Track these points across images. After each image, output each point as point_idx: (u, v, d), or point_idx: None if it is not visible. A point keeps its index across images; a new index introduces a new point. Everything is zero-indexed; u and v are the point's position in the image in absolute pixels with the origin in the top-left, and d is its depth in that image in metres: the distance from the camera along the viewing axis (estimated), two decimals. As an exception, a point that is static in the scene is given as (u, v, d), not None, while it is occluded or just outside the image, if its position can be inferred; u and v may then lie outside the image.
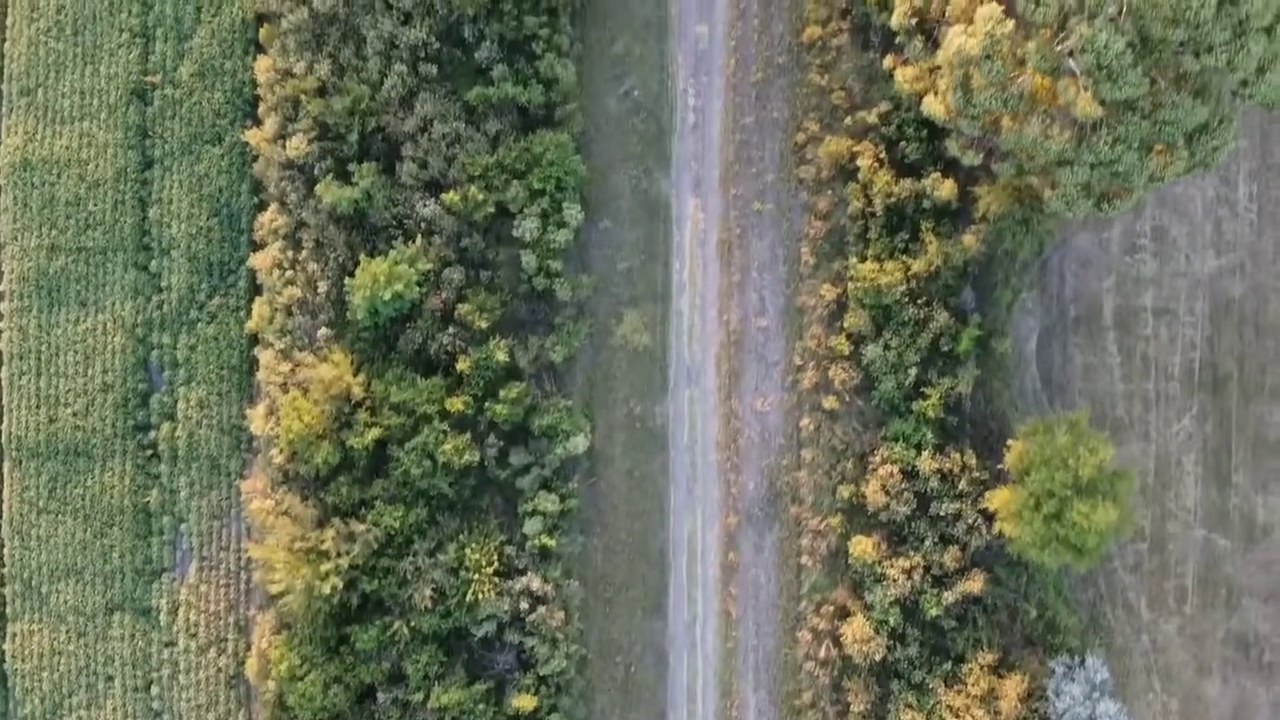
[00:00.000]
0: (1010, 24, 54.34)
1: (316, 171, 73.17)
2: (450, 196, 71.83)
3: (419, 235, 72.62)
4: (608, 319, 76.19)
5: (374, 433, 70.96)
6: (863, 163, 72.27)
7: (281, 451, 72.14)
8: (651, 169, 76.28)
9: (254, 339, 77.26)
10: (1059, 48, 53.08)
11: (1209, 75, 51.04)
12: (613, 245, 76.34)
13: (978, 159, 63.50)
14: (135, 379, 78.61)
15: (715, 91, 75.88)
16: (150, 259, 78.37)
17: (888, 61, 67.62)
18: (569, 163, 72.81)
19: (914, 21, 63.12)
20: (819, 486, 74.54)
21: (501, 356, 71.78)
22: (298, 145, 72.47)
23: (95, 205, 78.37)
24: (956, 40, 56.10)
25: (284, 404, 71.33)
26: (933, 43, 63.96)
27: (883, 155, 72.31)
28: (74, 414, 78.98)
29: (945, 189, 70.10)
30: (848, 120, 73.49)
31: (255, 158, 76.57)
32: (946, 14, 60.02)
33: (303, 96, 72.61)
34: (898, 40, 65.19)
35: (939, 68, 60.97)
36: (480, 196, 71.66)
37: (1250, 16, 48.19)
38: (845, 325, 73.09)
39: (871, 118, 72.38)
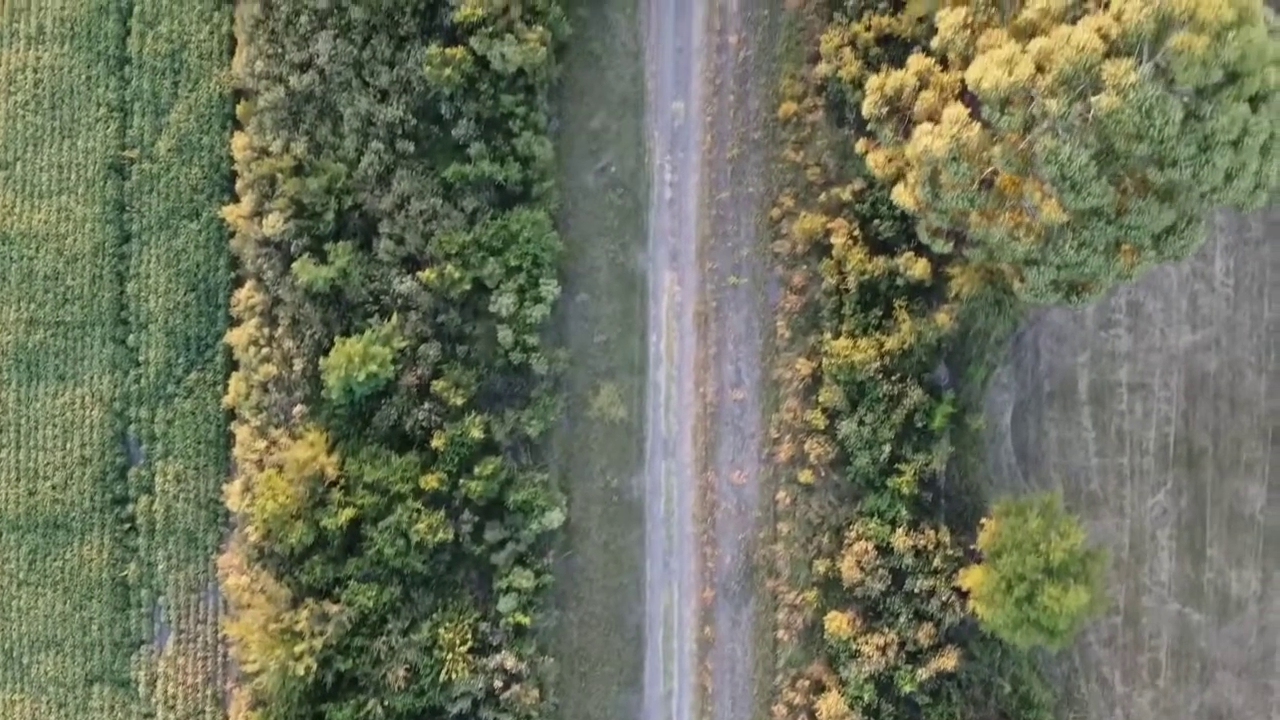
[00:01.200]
0: (976, 127, 54.60)
1: (293, 249, 73.48)
2: (427, 274, 72.15)
3: (395, 312, 72.93)
4: (585, 391, 76.41)
5: (348, 513, 71.16)
6: (837, 240, 72.60)
7: (256, 530, 72.35)
8: (628, 243, 76.55)
9: (231, 414, 77.57)
10: (1024, 151, 53.30)
11: (1176, 182, 51.22)
12: (590, 318, 76.58)
13: (947, 246, 63.74)
14: (113, 453, 78.82)
15: (691, 167, 76.20)
16: (128, 333, 78.62)
17: (860, 145, 67.82)
18: (545, 240, 73.11)
19: (885, 110, 63.27)
20: (795, 560, 74.70)
21: (476, 433, 72.02)
22: (274, 223, 72.78)
23: (73, 279, 78.65)
24: (923, 140, 56.34)
25: (259, 482, 71.55)
26: (904, 130, 64.20)
27: (856, 232, 72.61)
28: (53, 487, 79.19)
29: (919, 268, 70.35)
30: (822, 196, 73.85)
31: (232, 233, 76.84)
32: (915, 108, 60.22)
33: (279, 175, 72.92)
34: (869, 127, 65.38)
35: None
36: (457, 274, 71.97)
37: (1215, 132, 48.37)
38: (820, 400, 73.34)
39: (845, 195, 72.72)
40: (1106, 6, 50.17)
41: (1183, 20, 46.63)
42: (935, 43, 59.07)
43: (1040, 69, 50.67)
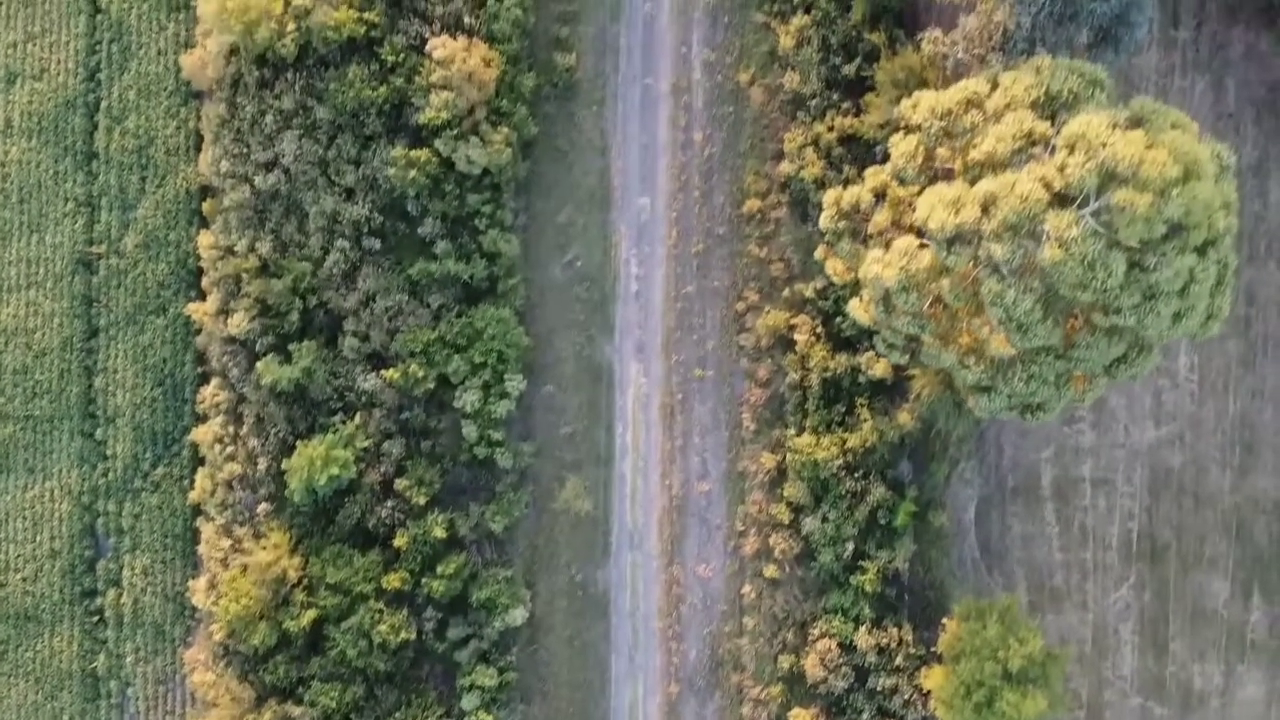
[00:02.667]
0: (926, 258, 54.80)
1: (258, 347, 73.91)
2: (391, 373, 72.65)
3: (359, 409, 73.40)
4: (550, 484, 76.79)
5: (310, 614, 71.68)
6: (800, 336, 73.01)
7: (220, 629, 72.83)
8: (595, 335, 76.90)
9: (197, 509, 77.95)
10: (972, 286, 53.54)
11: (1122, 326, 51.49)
12: (556, 410, 76.95)
13: (904, 359, 63.95)
14: (82, 545, 79.37)
15: (657, 261, 76.51)
16: (96, 427, 79.11)
17: (819, 251, 67.94)
18: (511, 336, 73.53)
19: (842, 224, 63.50)
20: (760, 655, 75.05)
21: (439, 532, 72.61)
22: (239, 322, 73.23)
23: (42, 374, 79.09)
24: (874, 268, 56.54)
25: (223, 582, 72.08)
26: (862, 240, 64.49)
27: (819, 329, 73.02)
28: (23, 579, 79.72)
29: (880, 367, 70.66)
30: (786, 292, 74.27)
31: (198, 330, 77.19)
32: (869, 228, 60.47)
33: (244, 274, 73.34)
34: (826, 238, 65.70)
35: (867, 274, 61.55)
36: (421, 373, 72.45)
37: (1160, 283, 48.58)
38: (785, 494, 73.70)
39: (808, 291, 73.11)
40: (1052, 153, 50.44)
41: (1126, 176, 46.82)
42: (888, 166, 59.31)
43: (986, 212, 50.88)
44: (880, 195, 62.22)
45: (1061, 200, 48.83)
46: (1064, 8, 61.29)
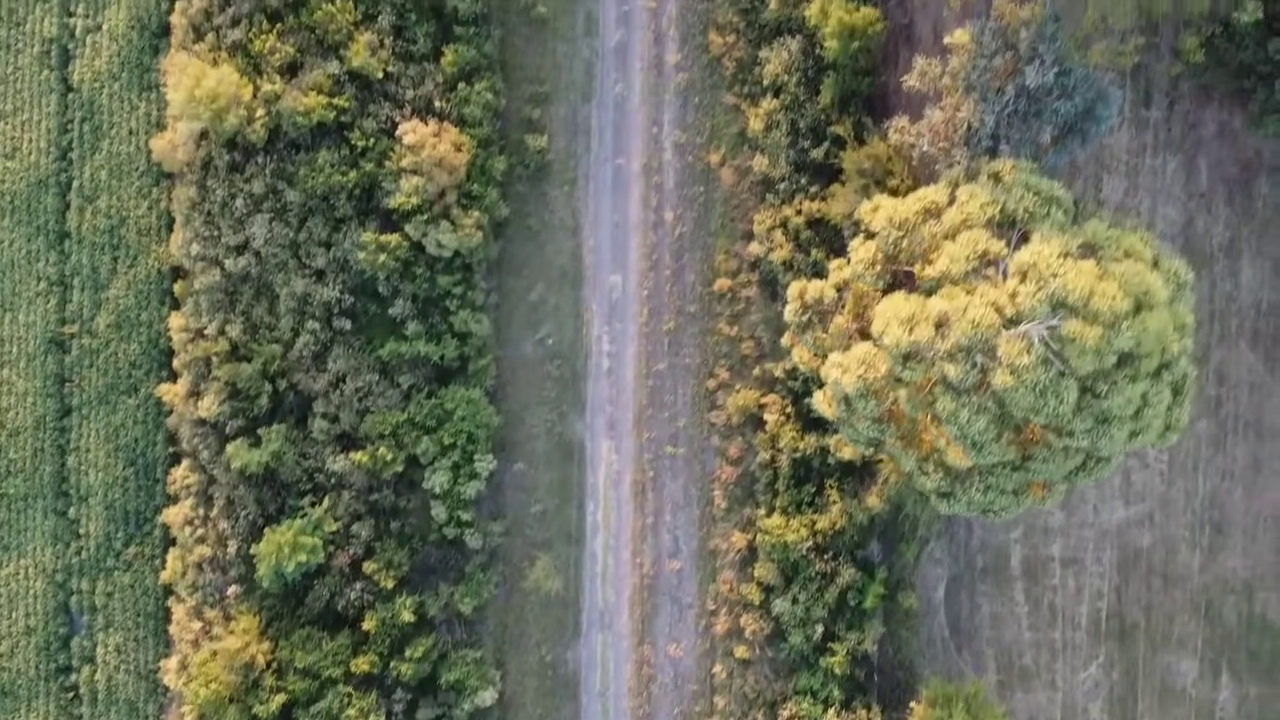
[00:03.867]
0: (883, 368, 54.89)
1: (228, 430, 74.12)
2: (359, 456, 72.86)
3: (328, 491, 73.63)
4: (521, 562, 76.98)
5: (280, 698, 71.98)
6: (770, 416, 73.18)
7: (192, 712, 73.13)
8: (566, 412, 77.08)
9: (169, 589, 78.21)
10: (928, 398, 53.68)
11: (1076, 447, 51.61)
12: (526, 488, 77.14)
13: (868, 451, 64.15)
14: (57, 623, 79.75)
15: (629, 338, 76.68)
16: (69, 506, 79.48)
17: (786, 338, 68.05)
18: (480, 417, 73.73)
19: (806, 318, 63.58)
20: (730, 734, 75.36)
21: (408, 616, 72.87)
22: (209, 405, 73.46)
23: (15, 453, 79.39)
24: (834, 372, 56.67)
25: (194, 665, 72.37)
26: (826, 330, 64.57)
27: (789, 409, 73.15)
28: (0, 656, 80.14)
29: (848, 450, 70.64)
30: (756, 370, 74.48)
31: (170, 410, 77.38)
32: (830, 330, 60.53)
33: (214, 358, 73.53)
34: (792, 328, 65.78)
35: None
36: (389, 456, 72.70)
37: (1112, 409, 48.68)
38: (756, 574, 73.85)
39: (778, 371, 73.27)
40: (1006, 275, 50.55)
41: (1077, 307, 46.92)
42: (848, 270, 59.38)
43: (940, 331, 50.98)
44: (843, 290, 62.48)
45: (1014, 324, 48.96)
46: (1028, 106, 61.35)
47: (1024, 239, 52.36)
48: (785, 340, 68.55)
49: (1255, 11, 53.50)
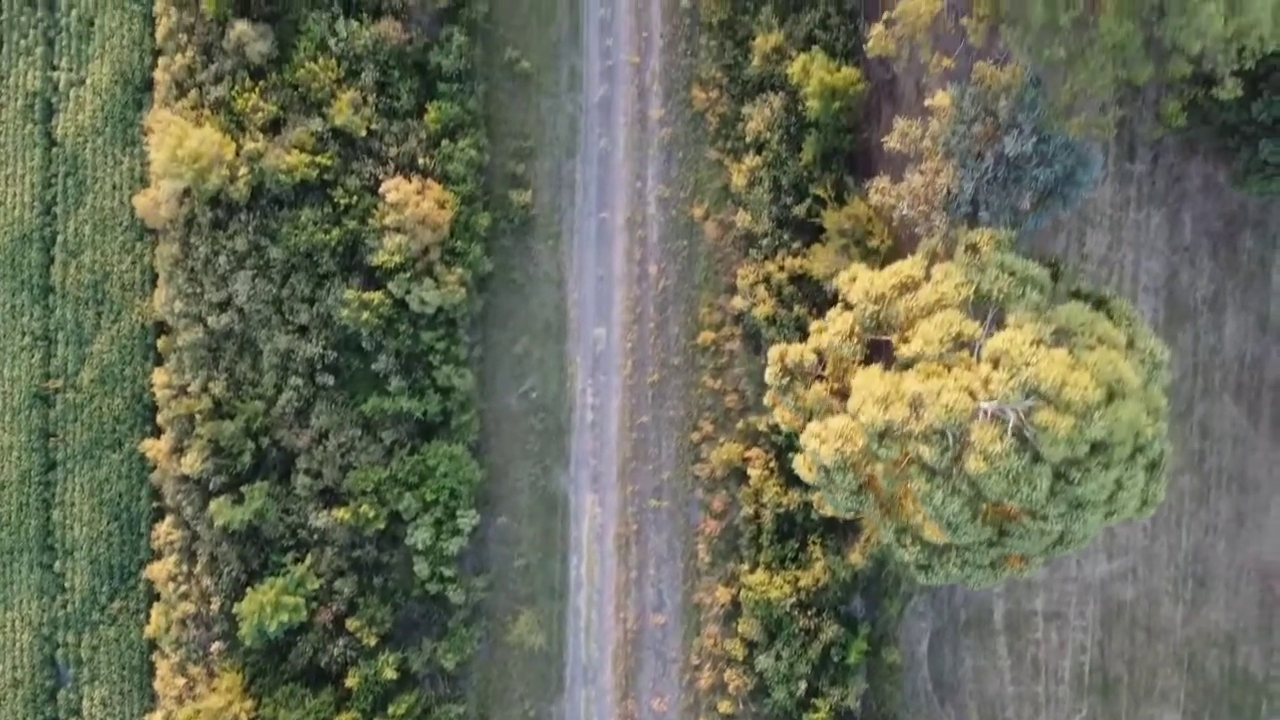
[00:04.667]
0: (860, 442, 54.91)
1: (211, 486, 74.24)
2: (342, 513, 72.94)
3: (312, 546, 73.75)
4: (504, 617, 77.08)
5: (263, 758, 72.28)
6: (753, 471, 73.23)
7: (175, 770, 73.58)
8: (550, 466, 77.14)
9: (153, 643, 78.37)
10: (905, 474, 53.72)
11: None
12: (510, 542, 77.21)
13: (849, 514, 64.12)
14: (43, 675, 79.99)
15: (613, 391, 76.74)
16: (55, 559, 79.70)
17: (768, 397, 68.15)
18: (463, 473, 73.83)
19: (786, 380, 63.61)
20: (713, 789, 75.43)
21: (390, 673, 73.02)
22: (192, 462, 73.59)
23: (1, 507, 79.52)
24: (812, 442, 56.74)
25: (178, 721, 72.80)
26: (808, 387, 64.57)
27: (773, 463, 73.19)
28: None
29: (829, 507, 70.72)
30: (740, 424, 74.49)
31: (154, 466, 77.48)
32: (809, 397, 60.56)
33: (197, 415, 73.64)
34: (772, 391, 65.80)
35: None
36: (371, 513, 72.79)
37: (1085, 495, 48.69)
38: (739, 630, 73.90)
39: (762, 425, 73.24)
40: (979, 357, 50.54)
41: (1049, 396, 46.91)
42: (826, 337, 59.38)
43: (915, 412, 50.99)
44: (823, 354, 62.50)
45: (987, 410, 48.96)
46: (1007, 173, 61.34)
47: (999, 319, 52.42)
48: (767, 400, 68.72)
49: (1234, 89, 53.30)
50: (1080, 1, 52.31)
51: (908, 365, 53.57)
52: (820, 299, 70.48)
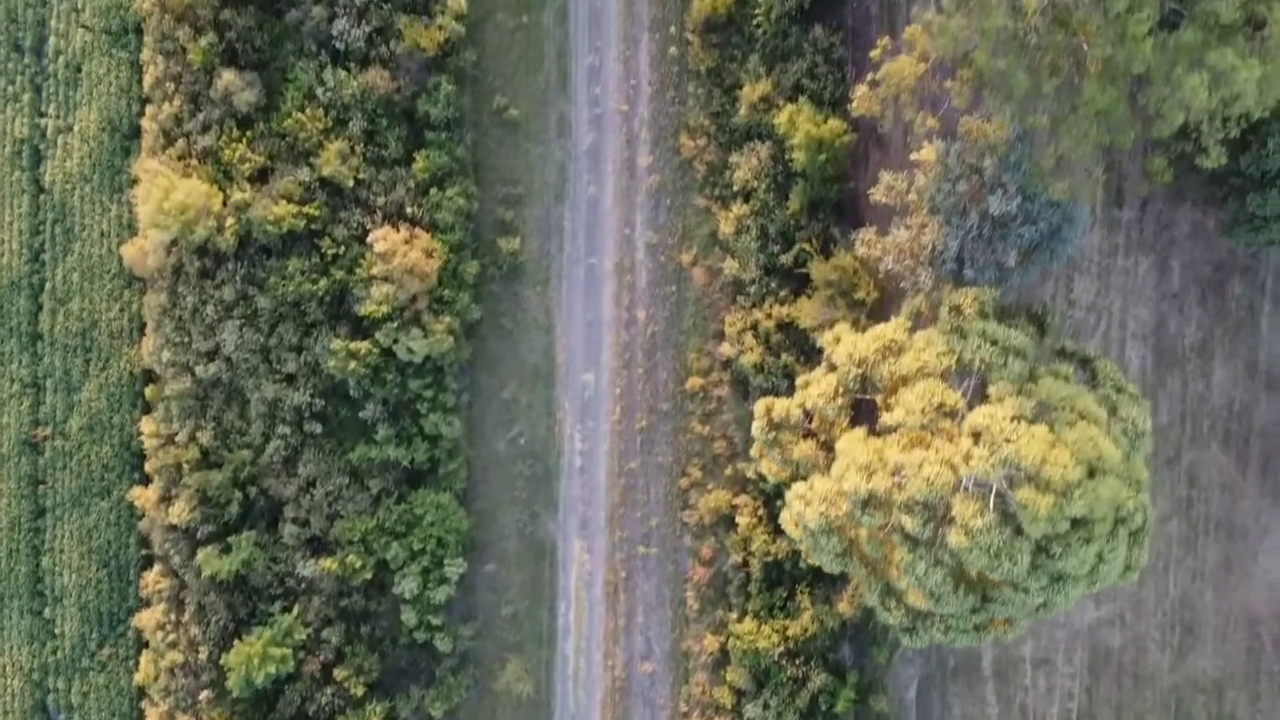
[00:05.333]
0: (844, 507, 55.01)
1: (199, 536, 74.35)
2: (328, 564, 73.05)
3: (299, 595, 73.83)
4: (492, 665, 77.12)
5: (252, 808, 72.40)
6: (741, 519, 73.27)
7: (164, 819, 73.72)
8: (538, 512, 77.17)
9: (142, 690, 78.45)
10: (888, 540, 53.79)
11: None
12: (498, 589, 77.26)
13: (834, 570, 64.16)
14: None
15: (601, 436, 76.75)
16: (44, 605, 79.81)
17: (754, 450, 68.23)
18: (450, 522, 73.92)
19: (772, 435, 63.67)
20: (702, 835, 75.45)
21: (377, 722, 73.32)
22: (179, 511, 73.71)
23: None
24: (796, 504, 56.86)
25: (166, 773, 72.85)
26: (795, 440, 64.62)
27: (761, 511, 73.21)
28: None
29: (818, 557, 70.82)
30: (728, 470, 74.53)
31: (142, 514, 77.56)
32: (794, 454, 60.64)
33: (184, 465, 73.72)
34: (758, 444, 65.81)
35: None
36: (358, 563, 72.87)
37: (1066, 569, 48.74)
38: (728, 678, 73.93)
39: (750, 471, 73.22)
40: (961, 425, 50.57)
41: (1030, 473, 46.95)
42: (811, 396, 59.43)
43: (897, 482, 51.08)
44: (808, 414, 62.55)
45: (968, 485, 49.01)
46: (992, 231, 61.39)
47: (982, 387, 52.45)
48: (753, 452, 68.73)
49: (1219, 158, 53.24)
50: (1064, 68, 52.38)
51: (892, 429, 53.67)
52: (808, 346, 70.57)
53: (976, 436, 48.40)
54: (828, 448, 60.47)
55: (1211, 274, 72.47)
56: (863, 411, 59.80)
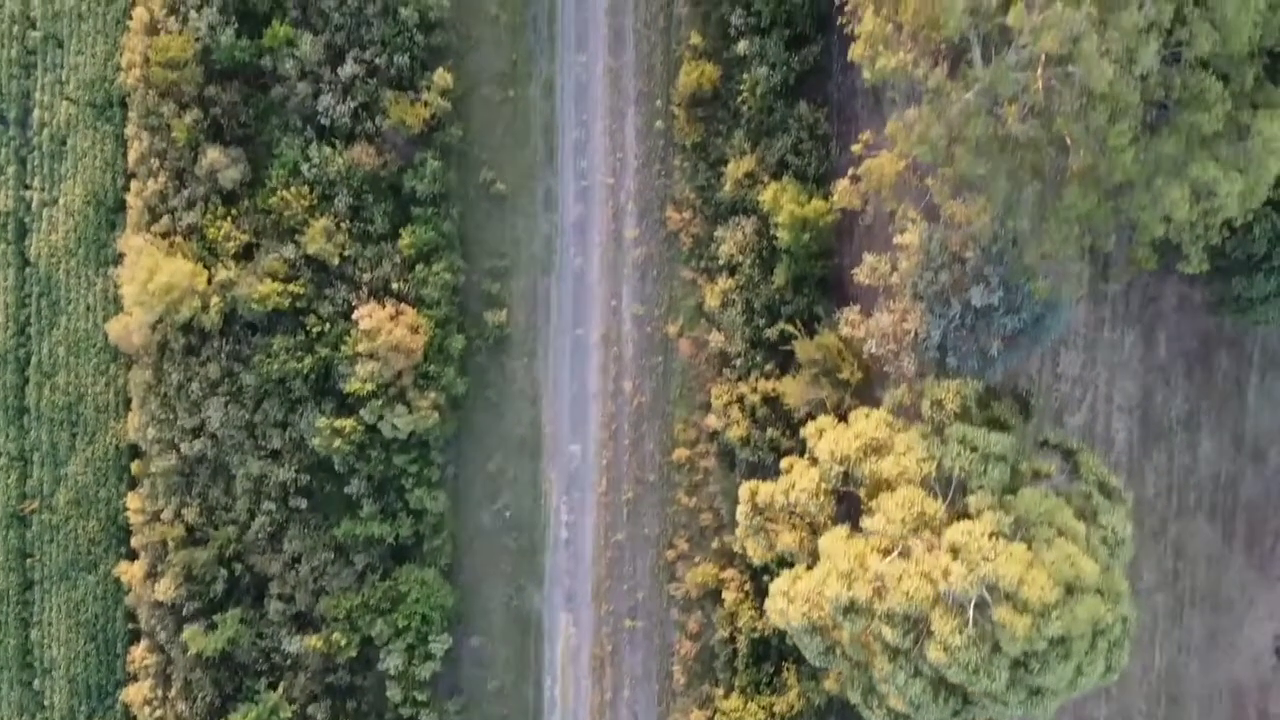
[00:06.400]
0: (827, 608, 55.04)
1: (185, 612, 74.44)
2: (314, 641, 73.12)
3: (285, 671, 73.93)
4: (479, 741, 77.29)
5: None
6: (728, 594, 73.25)
7: None
8: (524, 585, 77.17)
9: (132, 767, 78.83)
10: (870, 643, 53.81)
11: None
12: (483, 663, 77.26)
13: (820, 665, 64.23)
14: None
15: (588, 508, 76.76)
16: (34, 678, 79.86)
17: (739, 531, 68.18)
18: (435, 598, 73.97)
19: (756, 521, 63.75)
20: None
21: (364, 803, 73.32)
22: (166, 588, 73.80)
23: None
24: (779, 601, 57.01)
25: None
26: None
27: (748, 586, 73.18)
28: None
29: (804, 635, 70.82)
30: (715, 543, 74.50)
31: (130, 588, 77.59)
32: (780, 544, 60.76)
33: (170, 542, 73.78)
34: (739, 531, 65.87)
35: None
36: (343, 641, 72.95)
37: (1045, 684, 48.79)
38: (715, 755, 74.04)
39: (737, 545, 73.08)
40: (941, 537, 50.61)
41: (1008, 591, 46.97)
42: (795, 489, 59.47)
43: (877, 592, 51.12)
44: (791, 502, 62.55)
45: (946, 600, 49.05)
46: (974, 320, 61.35)
47: (962, 492, 52.45)
48: (738, 534, 68.77)
49: (1200, 265, 53.27)
50: (1045, 171, 52.35)
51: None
52: (794, 420, 70.48)
53: (955, 552, 48.39)
54: (814, 529, 60.58)
55: (1198, 347, 72.47)
56: (847, 499, 59.94)
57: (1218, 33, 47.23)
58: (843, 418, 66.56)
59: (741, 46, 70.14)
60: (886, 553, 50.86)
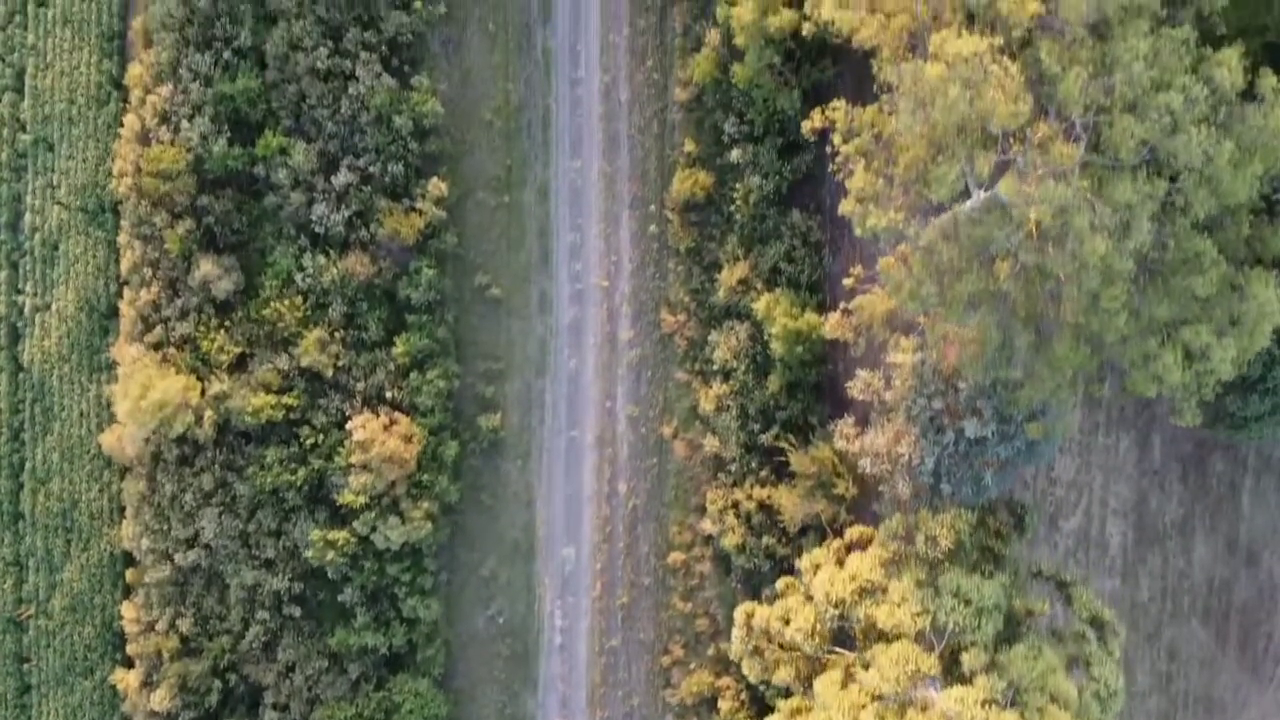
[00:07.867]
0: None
1: (180, 722, 74.55)
2: (308, 755, 73.28)
3: (282, 781, 73.98)
4: None
5: None
6: (724, 703, 73.24)
7: None
8: (519, 691, 77.14)
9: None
10: None
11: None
12: (479, 771, 77.33)
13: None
14: None
15: (582, 612, 76.70)
16: (32, 781, 79.87)
17: (735, 650, 68.05)
18: (429, 709, 73.97)
19: (752, 645, 63.77)
20: None
21: None
22: (161, 698, 73.75)
23: (-23, 729, 79.78)
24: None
25: None
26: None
27: (744, 695, 73.14)
28: None
29: (799, 746, 70.84)
30: (711, 649, 74.52)
31: (125, 696, 77.55)
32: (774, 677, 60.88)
33: (165, 653, 73.71)
34: (734, 655, 65.87)
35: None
36: (339, 752, 73.06)
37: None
38: None
39: (733, 656, 73.07)
40: (938, 689, 50.65)
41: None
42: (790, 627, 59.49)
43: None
44: (787, 621, 62.63)
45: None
46: (968, 448, 61.36)
47: (956, 648, 52.51)
48: (734, 654, 68.78)
49: (1193, 419, 53.22)
50: (1035, 322, 52.34)
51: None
52: (791, 531, 70.50)
53: None
54: (810, 662, 60.70)
55: (1192, 451, 72.51)
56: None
57: (1215, 198, 47.17)
58: (839, 533, 66.80)
59: (735, 154, 70.14)
60: (880, 713, 50.84)
